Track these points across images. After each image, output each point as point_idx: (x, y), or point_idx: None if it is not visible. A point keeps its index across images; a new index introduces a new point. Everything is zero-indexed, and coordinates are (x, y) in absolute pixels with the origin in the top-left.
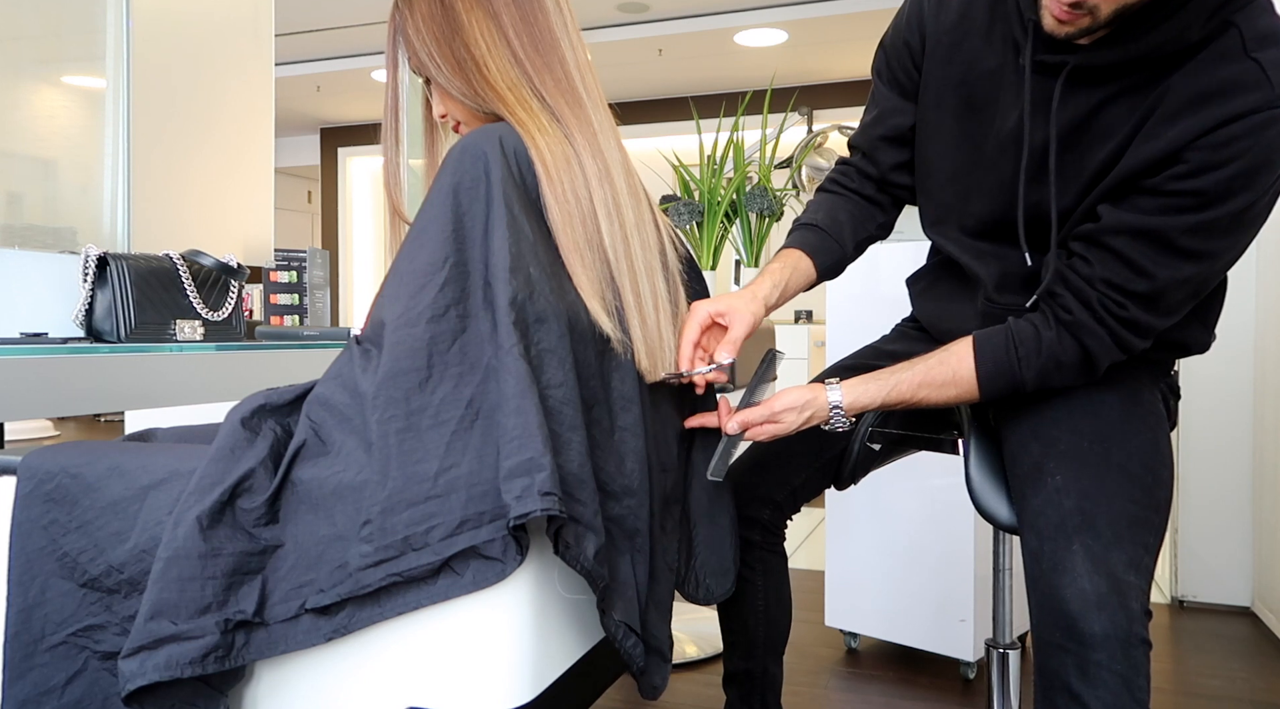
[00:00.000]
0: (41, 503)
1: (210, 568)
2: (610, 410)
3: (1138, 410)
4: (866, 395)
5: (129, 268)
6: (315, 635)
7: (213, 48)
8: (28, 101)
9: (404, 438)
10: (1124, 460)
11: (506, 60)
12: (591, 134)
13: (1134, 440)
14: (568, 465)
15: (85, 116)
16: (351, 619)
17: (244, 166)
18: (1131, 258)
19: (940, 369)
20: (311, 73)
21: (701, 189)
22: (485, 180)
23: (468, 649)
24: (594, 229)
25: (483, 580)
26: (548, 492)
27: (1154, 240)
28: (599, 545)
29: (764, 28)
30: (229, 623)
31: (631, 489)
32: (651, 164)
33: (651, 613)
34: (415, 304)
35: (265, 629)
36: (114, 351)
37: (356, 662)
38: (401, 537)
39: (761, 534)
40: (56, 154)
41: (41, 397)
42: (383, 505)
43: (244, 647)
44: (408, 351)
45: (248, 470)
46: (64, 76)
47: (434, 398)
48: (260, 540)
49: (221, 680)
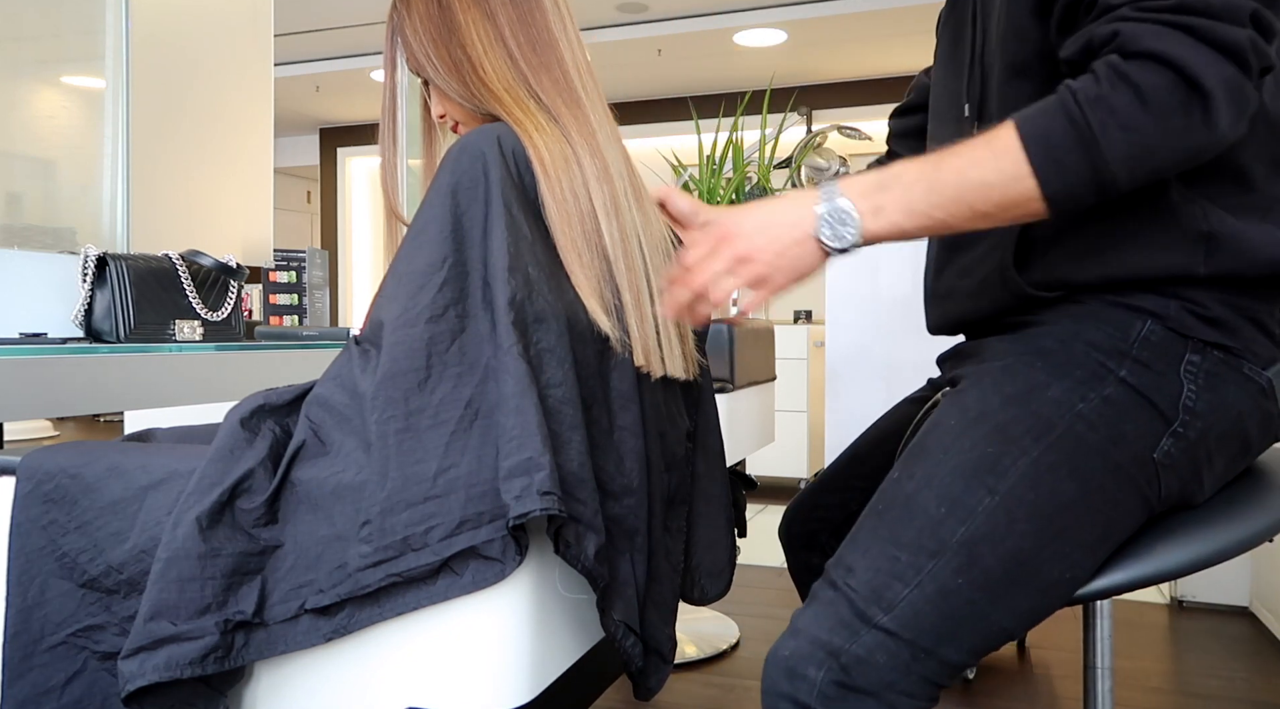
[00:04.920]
0: (41, 503)
1: (210, 568)
2: (609, 410)
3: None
4: (888, 199)
5: (128, 268)
6: (315, 636)
7: (212, 48)
8: (27, 102)
9: (403, 438)
10: (917, 488)
11: (503, 61)
12: (590, 133)
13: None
14: (568, 465)
15: (85, 117)
16: (351, 619)
17: (243, 166)
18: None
19: (981, 151)
20: (311, 73)
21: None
22: (484, 180)
23: (467, 649)
24: (593, 228)
25: (482, 581)
26: (547, 491)
27: None
28: (599, 545)
29: (763, 28)
30: (228, 623)
31: (631, 488)
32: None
33: (652, 613)
34: (414, 304)
35: (265, 629)
36: (113, 352)
37: (356, 662)
38: (401, 537)
39: (821, 558)
40: (56, 154)
41: (41, 397)
42: (382, 506)
43: (244, 647)
44: (406, 352)
45: (247, 471)
46: (63, 77)
47: (433, 398)
48: (260, 541)
49: (221, 681)
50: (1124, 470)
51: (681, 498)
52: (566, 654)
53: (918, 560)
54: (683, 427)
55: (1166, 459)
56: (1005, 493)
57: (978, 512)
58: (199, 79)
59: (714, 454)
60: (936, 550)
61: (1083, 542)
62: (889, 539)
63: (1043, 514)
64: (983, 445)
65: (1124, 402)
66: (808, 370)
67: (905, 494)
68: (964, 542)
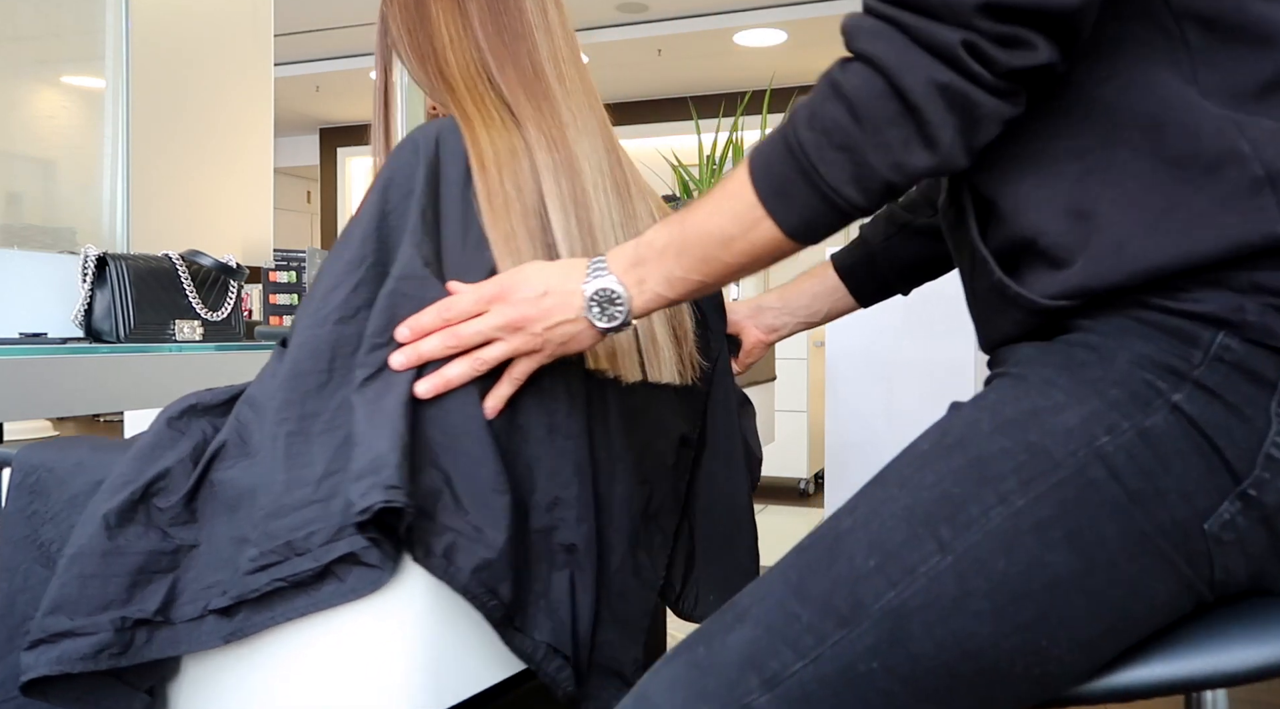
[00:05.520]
0: (27, 494)
1: (114, 565)
2: (545, 417)
3: (1000, 445)
4: (652, 263)
5: (128, 268)
6: (214, 637)
7: (212, 48)
8: (27, 102)
9: (293, 441)
10: (852, 527)
11: (468, 53)
12: (557, 126)
13: (909, 497)
14: (460, 472)
15: (85, 117)
16: (247, 622)
17: (243, 166)
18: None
19: (718, 195)
20: (311, 73)
21: (700, 189)
22: (414, 176)
23: (361, 661)
24: (538, 224)
25: (363, 588)
26: (393, 485)
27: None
28: (484, 560)
29: (763, 28)
30: (127, 620)
31: (565, 500)
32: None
33: (611, 633)
34: (326, 304)
35: (170, 628)
36: (113, 352)
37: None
38: (284, 541)
39: None
40: (56, 154)
41: (41, 397)
42: (268, 509)
43: (145, 644)
44: (310, 353)
45: (163, 470)
46: (63, 77)
47: (330, 403)
48: (174, 540)
49: (138, 677)
50: (1152, 543)
51: (667, 511)
52: (481, 676)
53: (822, 625)
54: (675, 434)
55: (1227, 532)
56: (962, 553)
57: (918, 572)
58: (199, 79)
59: (731, 462)
60: (849, 616)
61: (1071, 638)
62: (794, 588)
63: (1013, 592)
64: (947, 482)
65: (1170, 441)
66: (808, 370)
67: (836, 533)
68: (890, 611)
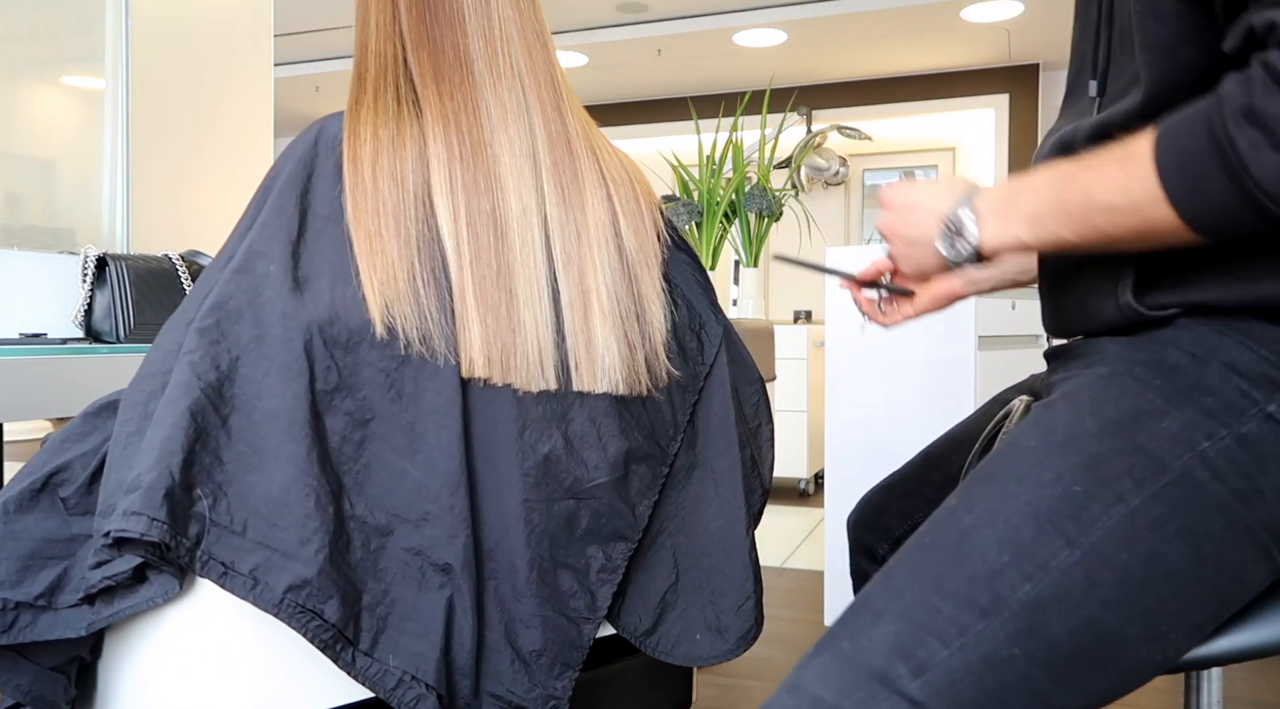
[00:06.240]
0: None
1: (6, 550)
2: (407, 426)
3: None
4: (1015, 207)
5: (128, 268)
6: (79, 625)
7: (212, 48)
8: (27, 102)
9: (130, 442)
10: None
11: (390, 39)
12: (469, 113)
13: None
14: (263, 485)
15: (84, 117)
16: (98, 615)
17: (243, 167)
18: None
19: (1112, 168)
20: (311, 73)
21: (700, 189)
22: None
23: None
24: (415, 217)
25: (162, 594)
26: (135, 512)
27: None
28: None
29: (763, 28)
30: (9, 602)
31: (435, 516)
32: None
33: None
34: (189, 305)
35: (52, 613)
36: (113, 352)
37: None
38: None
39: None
40: (56, 154)
41: (40, 397)
42: (100, 508)
43: (28, 626)
44: (161, 355)
45: (65, 462)
46: (63, 77)
47: None
48: (71, 529)
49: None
50: (1254, 536)
51: (610, 533)
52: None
53: (964, 617)
54: (616, 448)
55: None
56: (1089, 548)
57: (1050, 567)
58: (199, 79)
59: (727, 485)
60: (990, 608)
61: (1185, 621)
62: (931, 584)
63: (1136, 582)
64: (1067, 481)
65: (1266, 445)
66: (808, 370)
67: (960, 530)
68: (1027, 602)
